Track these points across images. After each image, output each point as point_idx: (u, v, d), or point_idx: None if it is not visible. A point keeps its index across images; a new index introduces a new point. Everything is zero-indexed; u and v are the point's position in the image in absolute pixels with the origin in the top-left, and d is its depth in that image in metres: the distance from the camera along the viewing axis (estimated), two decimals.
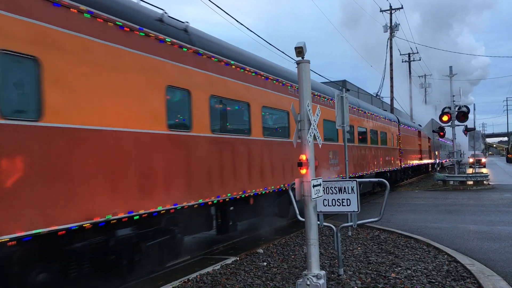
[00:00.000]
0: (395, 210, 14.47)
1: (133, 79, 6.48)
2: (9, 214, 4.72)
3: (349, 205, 6.55)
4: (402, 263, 7.45)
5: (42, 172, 5.09)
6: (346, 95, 10.11)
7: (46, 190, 5.11)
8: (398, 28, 37.70)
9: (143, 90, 6.64)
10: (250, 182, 9.27)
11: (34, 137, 5.06)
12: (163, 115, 7.00)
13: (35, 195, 4.98)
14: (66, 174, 5.36)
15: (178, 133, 7.35)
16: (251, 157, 9.37)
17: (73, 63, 5.58)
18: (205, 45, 8.27)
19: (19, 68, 5.06)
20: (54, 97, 5.29)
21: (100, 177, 5.80)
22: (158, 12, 7.34)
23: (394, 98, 37.55)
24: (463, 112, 23.44)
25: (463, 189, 22.38)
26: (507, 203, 15.66)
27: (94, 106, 5.81)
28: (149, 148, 6.68)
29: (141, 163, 6.47)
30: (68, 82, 5.48)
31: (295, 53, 5.59)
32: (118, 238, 6.36)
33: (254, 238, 10.86)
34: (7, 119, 4.78)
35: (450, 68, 25.30)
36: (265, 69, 10.33)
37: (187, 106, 7.67)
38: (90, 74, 5.79)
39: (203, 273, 7.32)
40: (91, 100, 5.77)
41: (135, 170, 6.36)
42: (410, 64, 48.52)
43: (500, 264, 7.36)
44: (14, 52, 4.90)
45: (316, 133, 5.68)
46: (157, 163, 6.77)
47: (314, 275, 5.41)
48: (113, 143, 6.07)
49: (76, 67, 5.62)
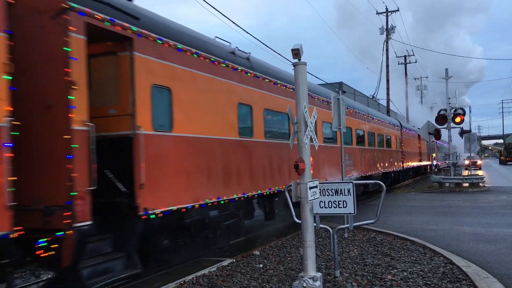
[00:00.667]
0: (391, 212, 14.50)
1: (219, 99, 8.61)
2: (159, 196, 6.78)
3: (346, 207, 6.56)
4: (398, 265, 7.46)
5: (173, 167, 7.17)
6: (343, 98, 10.18)
7: (175, 179, 7.21)
8: (394, 31, 37.86)
9: (224, 107, 8.79)
10: (290, 178, 10.85)
11: (170, 143, 7.21)
12: (236, 125, 9.19)
13: (169, 182, 7.06)
14: (185, 169, 7.49)
15: (245, 139, 9.51)
16: (290, 158, 10.96)
17: (186, 90, 7.65)
18: (260, 69, 10.40)
19: (161, 96, 7.04)
20: (178, 115, 7.39)
21: (202, 171, 7.94)
22: (231, 46, 9.55)
23: (390, 100, 37.67)
24: (459, 114, 23.52)
25: (459, 191, 22.46)
26: (502, 205, 15.73)
27: (198, 120, 7.93)
28: (228, 150, 8.82)
29: (223, 162, 8.61)
30: (184, 104, 7.56)
31: (292, 55, 5.61)
32: (210, 217, 8.39)
33: (250, 239, 10.85)
34: (156, 131, 6.87)
35: (446, 71, 25.38)
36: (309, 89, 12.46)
37: (250, 118, 9.85)
38: (195, 97, 7.90)
39: (199, 275, 7.30)
40: (196, 116, 7.88)
41: (220, 167, 8.49)
42: (406, 66, 48.71)
43: (496, 266, 7.38)
44: (159, 85, 6.98)
45: (312, 134, 5.69)
46: (232, 162, 8.93)
47: (311, 277, 5.42)
48: (208, 147, 8.19)
49: (188, 92, 7.68)
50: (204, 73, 8.14)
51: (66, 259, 5.49)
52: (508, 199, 17.66)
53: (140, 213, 6.40)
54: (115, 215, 6.46)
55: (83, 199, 5.56)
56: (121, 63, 6.60)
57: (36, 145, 5.64)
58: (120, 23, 6.28)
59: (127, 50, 6.53)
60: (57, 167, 5.55)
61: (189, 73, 7.74)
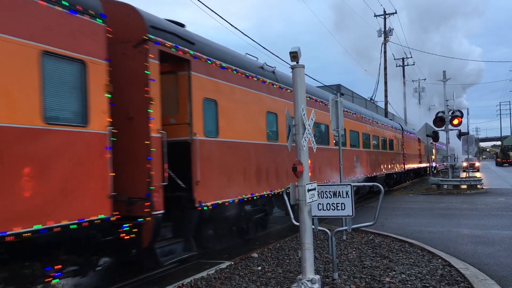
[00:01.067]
0: (390, 214, 14.51)
1: (252, 108, 9.92)
2: (209, 191, 8.07)
3: (344, 209, 6.57)
4: (396, 267, 7.47)
5: (218, 168, 8.47)
6: (341, 100, 10.18)
7: (220, 177, 8.51)
8: (392, 33, 37.92)
9: (256, 115, 10.13)
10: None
11: (216, 147, 8.50)
12: (264, 131, 10.50)
13: (216, 180, 8.35)
14: (227, 169, 8.78)
15: (272, 143, 10.83)
16: None
17: (227, 101, 8.97)
18: (283, 81, 11.61)
19: (209, 107, 8.38)
20: (222, 122, 8.70)
21: (239, 171, 9.23)
22: (259, 62, 10.89)
23: (388, 102, 37.73)
24: (457, 116, 23.55)
25: (457, 193, 22.46)
26: (500, 207, 15.75)
27: (236, 127, 9.23)
28: (259, 153, 10.11)
29: (255, 163, 9.92)
30: (226, 113, 8.85)
31: (290, 58, 5.62)
32: (245, 211, 9.72)
33: (248, 242, 10.84)
34: (206, 137, 8.18)
35: (443, 73, 25.43)
36: (314, 94, 13.85)
37: (275, 124, 11.19)
38: (234, 107, 9.20)
39: (198, 277, 7.29)
40: (235, 123, 9.19)
41: (253, 167, 9.80)
42: (404, 68, 48.77)
43: (494, 268, 7.39)
44: (208, 98, 8.31)
45: (310, 137, 5.70)
46: (262, 163, 10.23)
47: (309, 280, 5.42)
48: (244, 150, 9.48)
49: (229, 103, 9.01)
50: (241, 86, 9.54)
51: (145, 240, 6.72)
52: (506, 201, 17.68)
53: (196, 205, 7.71)
54: (175, 206, 7.55)
55: (158, 192, 6.86)
56: (180, 80, 7.93)
57: (122, 148, 6.61)
58: (181, 49, 7.67)
59: (185, 70, 7.88)
60: (138, 166, 6.80)
61: (230, 87, 9.14)
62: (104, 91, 6.05)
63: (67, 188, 5.45)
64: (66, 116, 5.62)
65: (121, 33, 6.80)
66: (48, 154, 5.25)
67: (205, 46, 8.58)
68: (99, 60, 6.01)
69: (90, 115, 5.82)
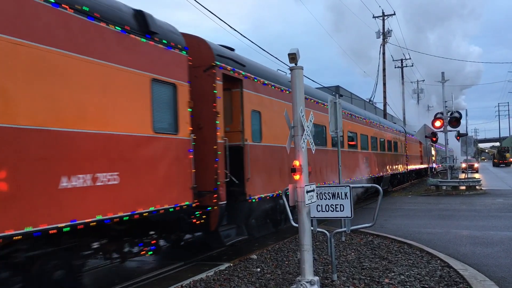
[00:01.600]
0: (389, 216, 14.51)
1: (280, 116, 10.77)
2: (256, 186, 9.77)
3: (343, 210, 6.57)
4: (395, 269, 7.47)
5: (262, 167, 10.17)
6: (339, 101, 10.21)
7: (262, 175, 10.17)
8: (390, 34, 37.99)
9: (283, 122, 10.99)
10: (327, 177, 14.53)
11: (260, 150, 10.23)
12: None
13: (260, 177, 10.01)
14: (267, 168, 10.48)
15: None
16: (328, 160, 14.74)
17: (268, 112, 10.71)
18: (308, 93, 13.01)
19: (255, 117, 10.16)
20: (264, 130, 10.48)
21: (276, 170, 10.88)
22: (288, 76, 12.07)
23: (387, 103, 37.77)
24: (455, 117, 23.56)
25: (456, 194, 22.48)
26: (499, 208, 15.77)
27: (274, 133, 10.84)
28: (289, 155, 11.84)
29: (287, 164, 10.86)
30: (267, 122, 10.60)
31: (289, 60, 5.63)
32: (279, 204, 11.17)
33: (247, 243, 10.84)
34: (253, 142, 9.91)
35: (442, 74, 25.45)
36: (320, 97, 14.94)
37: None
38: (272, 116, 10.84)
39: (197, 279, 7.29)
40: (273, 130, 10.82)
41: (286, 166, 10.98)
42: (403, 69, 48.83)
43: (493, 269, 7.40)
44: (254, 110, 10.13)
45: (309, 138, 5.70)
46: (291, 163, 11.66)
47: (308, 281, 5.42)
48: (279, 153, 10.97)
49: (269, 113, 10.74)
50: (277, 99, 11.29)
51: (212, 225, 8.46)
52: (505, 202, 17.70)
53: (247, 198, 9.38)
54: (230, 199, 8.91)
55: (222, 186, 8.66)
56: (234, 96, 9.76)
57: (195, 151, 8.08)
58: (237, 71, 9.50)
59: (238, 87, 9.71)
60: (208, 166, 8.56)
61: (269, 100, 10.91)
62: (187, 106, 7.94)
63: (167, 181, 7.27)
64: (165, 126, 7.47)
65: (194, 60, 8.48)
66: (157, 156, 7.11)
67: (252, 67, 10.44)
68: (184, 83, 7.92)
69: (179, 125, 7.68)
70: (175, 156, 7.52)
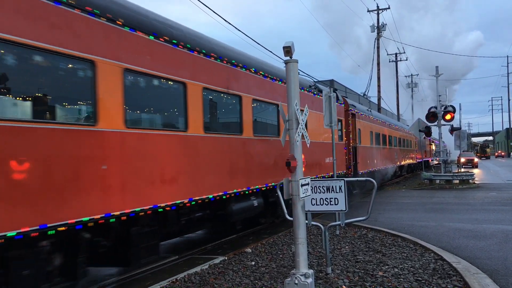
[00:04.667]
0: (383, 209, 14.59)
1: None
2: (361, 167, 18.46)
3: (337, 204, 6.59)
4: (389, 262, 7.51)
5: (362, 157, 18.93)
6: (334, 95, 10.20)
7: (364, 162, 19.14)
8: (385, 28, 37.95)
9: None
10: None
11: (362, 149, 18.81)
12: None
13: (362, 163, 18.80)
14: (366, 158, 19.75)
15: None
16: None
17: (363, 128, 19.33)
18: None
19: (359, 132, 18.78)
20: (362, 137, 19.55)
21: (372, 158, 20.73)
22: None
23: (381, 97, 37.81)
24: (449, 111, 23.66)
25: (449, 188, 22.63)
26: (492, 202, 15.89)
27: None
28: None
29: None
30: (362, 133, 19.19)
31: (283, 53, 5.59)
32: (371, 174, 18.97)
33: (242, 237, 10.85)
34: (360, 145, 18.62)
35: (436, 68, 25.51)
36: None
37: None
38: (361, 129, 18.92)
39: (191, 272, 7.29)
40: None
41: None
42: (397, 64, 48.87)
43: (486, 261, 7.46)
44: (359, 128, 18.80)
45: (304, 132, 5.69)
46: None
47: (302, 274, 5.43)
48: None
49: (364, 129, 19.49)
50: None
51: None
52: (497, 196, 17.83)
53: (359, 172, 17.81)
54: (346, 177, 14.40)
55: (350, 170, 16.78)
56: (351, 122, 17.48)
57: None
58: (353, 108, 17.83)
59: (353, 117, 17.79)
60: (348, 157, 16.87)
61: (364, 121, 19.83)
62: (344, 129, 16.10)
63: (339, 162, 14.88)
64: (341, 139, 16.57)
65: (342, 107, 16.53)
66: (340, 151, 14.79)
67: (355, 106, 18.27)
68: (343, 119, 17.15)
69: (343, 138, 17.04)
70: (340, 150, 15.68)
